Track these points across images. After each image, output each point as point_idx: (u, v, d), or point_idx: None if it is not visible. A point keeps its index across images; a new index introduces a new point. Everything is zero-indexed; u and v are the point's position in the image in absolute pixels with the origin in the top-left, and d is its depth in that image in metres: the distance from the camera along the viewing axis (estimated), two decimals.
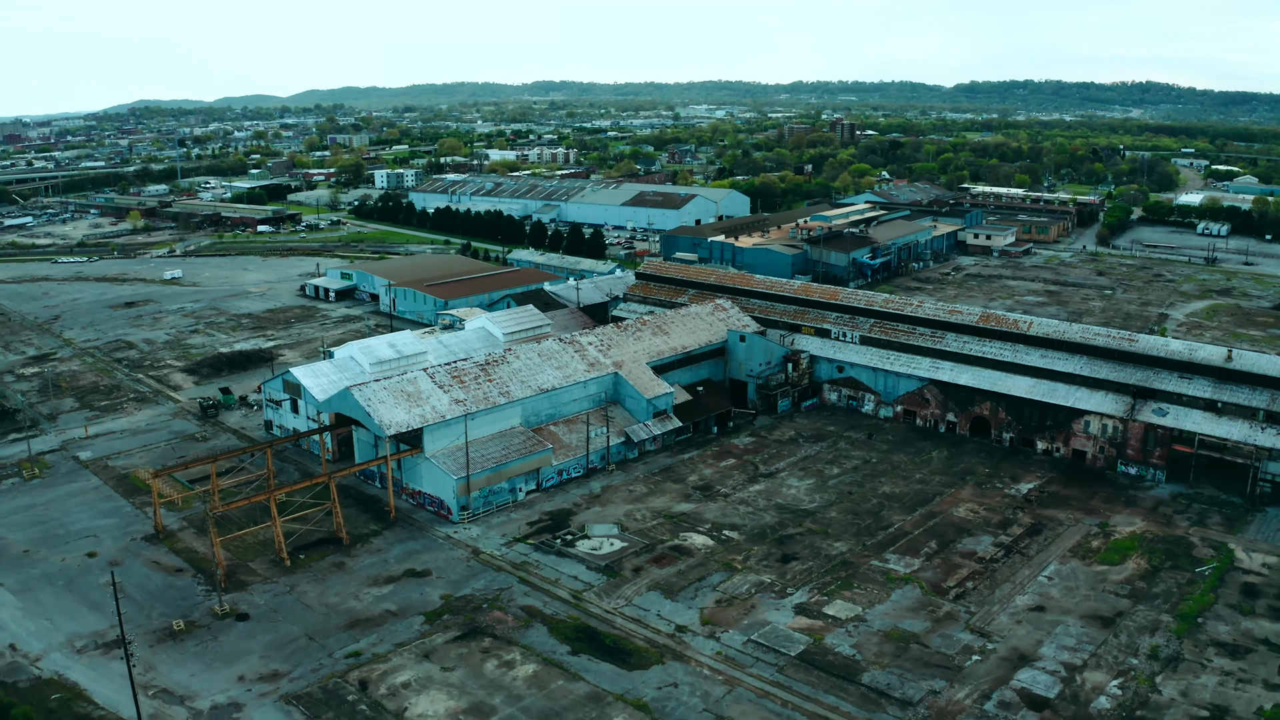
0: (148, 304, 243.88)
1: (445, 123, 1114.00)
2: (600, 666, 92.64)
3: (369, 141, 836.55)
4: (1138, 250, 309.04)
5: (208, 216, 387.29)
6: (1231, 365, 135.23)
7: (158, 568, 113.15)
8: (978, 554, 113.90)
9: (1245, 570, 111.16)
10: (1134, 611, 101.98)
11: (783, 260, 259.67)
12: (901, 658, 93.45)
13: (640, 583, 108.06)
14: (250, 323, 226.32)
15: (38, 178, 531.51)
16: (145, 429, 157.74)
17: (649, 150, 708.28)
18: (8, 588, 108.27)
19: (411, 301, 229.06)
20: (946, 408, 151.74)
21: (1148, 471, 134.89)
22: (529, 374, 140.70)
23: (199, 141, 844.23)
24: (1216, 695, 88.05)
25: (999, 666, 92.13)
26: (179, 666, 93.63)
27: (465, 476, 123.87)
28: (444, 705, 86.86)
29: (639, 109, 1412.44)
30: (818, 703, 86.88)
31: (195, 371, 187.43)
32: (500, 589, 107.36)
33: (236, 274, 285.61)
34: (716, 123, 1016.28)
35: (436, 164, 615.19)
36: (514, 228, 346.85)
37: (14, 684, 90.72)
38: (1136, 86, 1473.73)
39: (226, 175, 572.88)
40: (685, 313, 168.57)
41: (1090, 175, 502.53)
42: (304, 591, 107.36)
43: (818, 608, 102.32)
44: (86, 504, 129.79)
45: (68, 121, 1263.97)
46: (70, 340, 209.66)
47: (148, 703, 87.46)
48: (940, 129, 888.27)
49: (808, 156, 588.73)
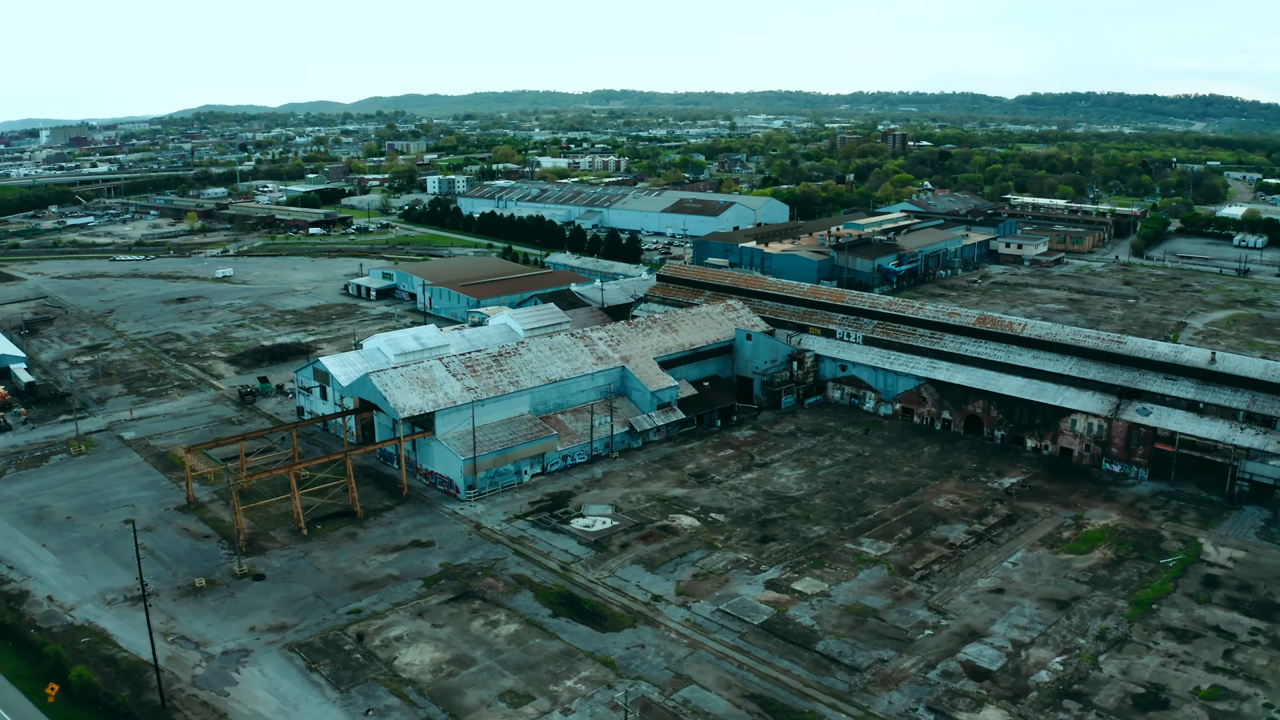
0: (198, 300, 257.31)
1: (503, 130, 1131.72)
2: (577, 628, 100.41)
3: (426, 148, 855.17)
4: (1170, 261, 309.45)
5: (262, 219, 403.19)
6: (1215, 367, 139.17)
7: (187, 534, 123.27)
8: (949, 540, 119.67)
9: (1210, 563, 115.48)
10: (1091, 596, 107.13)
11: (809, 266, 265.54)
12: (858, 629, 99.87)
13: (625, 557, 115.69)
14: (294, 318, 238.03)
15: (101, 179, 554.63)
16: (186, 413, 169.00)
17: (699, 159, 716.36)
18: (50, 548, 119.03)
19: (446, 300, 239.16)
20: (942, 406, 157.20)
21: (1131, 469, 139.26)
22: (539, 365, 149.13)
23: (260, 146, 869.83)
24: (1156, 675, 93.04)
25: (949, 641, 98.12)
26: (198, 618, 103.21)
27: (472, 458, 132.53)
28: (429, 656, 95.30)
29: (697, 118, 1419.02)
30: (772, 665, 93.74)
31: (237, 362, 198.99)
32: (495, 559, 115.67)
33: (285, 273, 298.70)
34: (771, 132, 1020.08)
35: (489, 170, 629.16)
36: (555, 232, 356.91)
37: (49, 629, 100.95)
38: (1200, 100, 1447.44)
39: (284, 179, 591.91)
40: (696, 312, 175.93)
41: (1138, 188, 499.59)
42: (317, 557, 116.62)
43: (787, 583, 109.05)
44: (127, 478, 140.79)
45: (133, 125, 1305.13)
46: (123, 332, 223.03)
47: (167, 647, 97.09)
48: (996, 140, 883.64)
49: (854, 166, 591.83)
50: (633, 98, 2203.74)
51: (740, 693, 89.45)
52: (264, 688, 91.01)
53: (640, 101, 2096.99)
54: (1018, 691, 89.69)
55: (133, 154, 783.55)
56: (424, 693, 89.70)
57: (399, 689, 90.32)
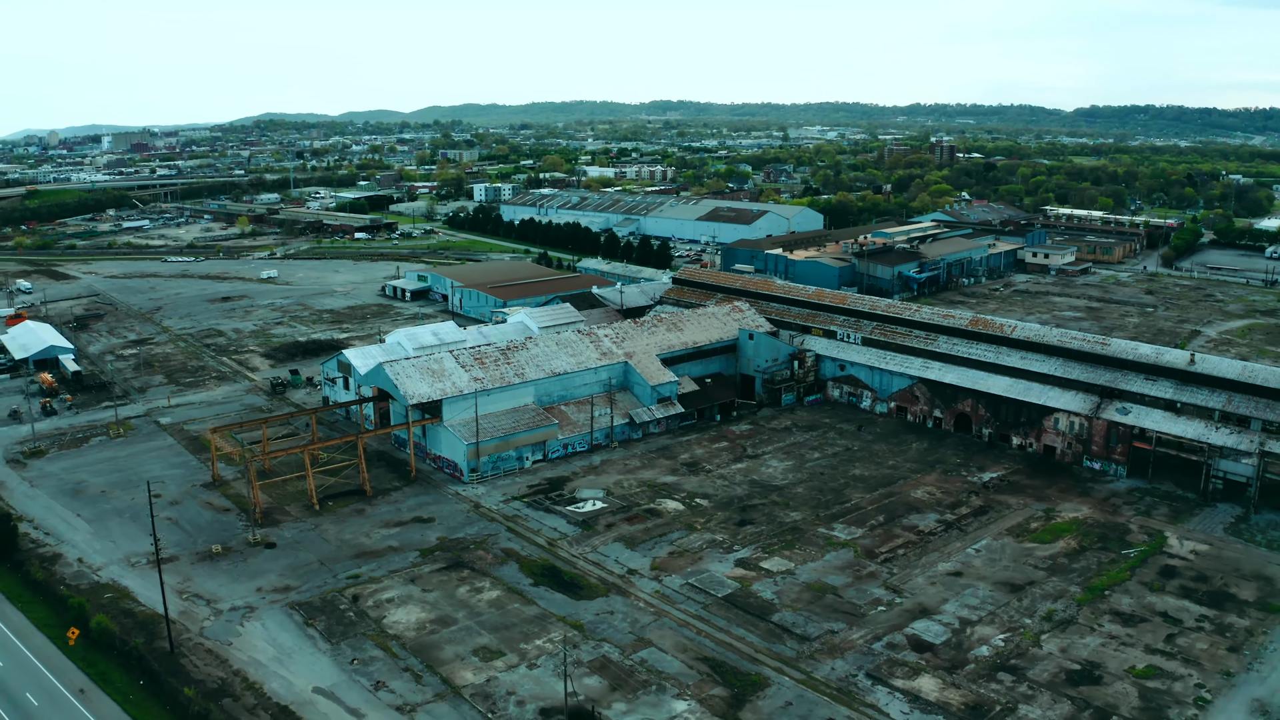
0: (242, 299, 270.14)
1: (557, 140, 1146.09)
2: (554, 596, 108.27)
3: (478, 157, 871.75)
4: (1199, 272, 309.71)
5: (310, 223, 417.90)
6: (1194, 368, 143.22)
7: (209, 507, 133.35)
8: (919, 528, 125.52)
9: (1173, 555, 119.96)
10: (1046, 582, 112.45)
11: (830, 272, 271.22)
12: (814, 604, 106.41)
13: (609, 535, 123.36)
14: (330, 317, 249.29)
15: (158, 184, 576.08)
16: (220, 401, 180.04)
17: (745, 169, 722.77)
18: (84, 518, 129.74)
19: (475, 301, 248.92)
20: (934, 404, 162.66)
21: (1110, 467, 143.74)
22: (544, 359, 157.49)
23: (317, 154, 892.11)
24: (1094, 654, 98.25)
25: (900, 617, 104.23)
26: (211, 579, 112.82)
27: (475, 443, 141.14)
28: (415, 616, 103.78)
29: (751, 129, 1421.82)
30: (728, 633, 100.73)
31: (272, 356, 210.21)
32: (489, 535, 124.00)
33: (327, 275, 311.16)
34: (821, 144, 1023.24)
35: (536, 179, 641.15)
36: (590, 239, 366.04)
37: (77, 585, 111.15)
38: (1260, 113, 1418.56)
39: (336, 186, 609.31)
40: (701, 312, 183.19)
41: (1181, 200, 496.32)
42: (325, 529, 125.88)
43: (756, 562, 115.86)
44: (160, 458, 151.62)
45: (195, 132, 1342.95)
46: (168, 328, 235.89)
47: (181, 603, 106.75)
48: (1048, 153, 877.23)
49: (896, 176, 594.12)
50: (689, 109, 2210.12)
51: (694, 655, 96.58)
52: (263, 639, 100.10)
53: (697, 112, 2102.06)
54: (956, 663, 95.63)
55: (191, 160, 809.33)
56: (406, 647, 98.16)
57: (384, 643, 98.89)
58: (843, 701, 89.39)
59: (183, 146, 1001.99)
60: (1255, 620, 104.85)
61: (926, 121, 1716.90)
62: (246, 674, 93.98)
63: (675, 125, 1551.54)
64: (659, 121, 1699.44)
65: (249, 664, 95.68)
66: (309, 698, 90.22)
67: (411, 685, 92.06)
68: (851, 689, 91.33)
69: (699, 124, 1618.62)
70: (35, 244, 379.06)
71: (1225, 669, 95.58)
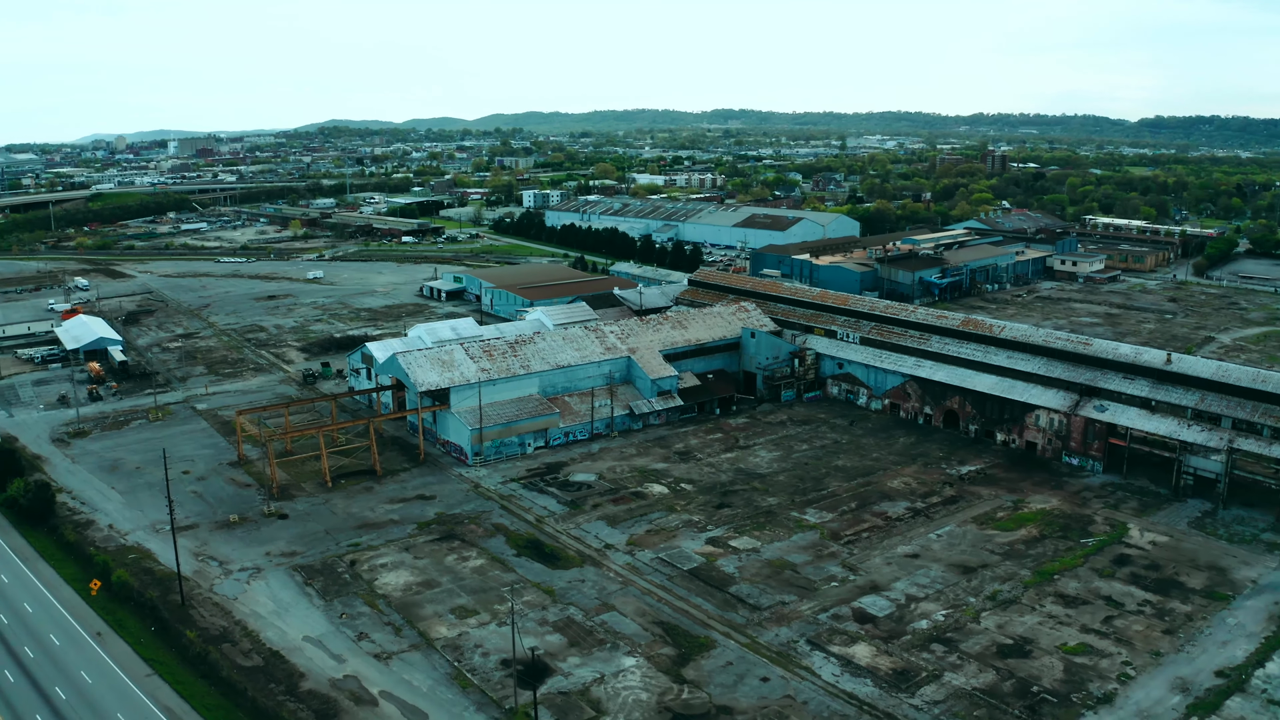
0: (287, 297, 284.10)
1: (615, 148, 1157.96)
2: (533, 565, 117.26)
3: (534, 164, 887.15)
4: (1228, 281, 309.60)
5: (360, 227, 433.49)
6: (1170, 368, 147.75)
7: (233, 483, 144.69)
8: (888, 514, 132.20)
9: (1131, 545, 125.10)
10: (999, 565, 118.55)
11: (852, 277, 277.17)
12: (772, 579, 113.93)
13: (593, 514, 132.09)
14: (368, 315, 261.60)
15: (218, 189, 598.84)
16: (255, 390, 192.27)
17: (793, 177, 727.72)
18: (118, 490, 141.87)
19: (504, 301, 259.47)
20: (925, 401, 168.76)
21: (1087, 462, 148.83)
22: (550, 353, 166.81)
23: (377, 160, 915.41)
24: (1029, 631, 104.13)
25: (850, 592, 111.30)
26: (226, 544, 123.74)
27: (479, 429, 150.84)
28: (404, 579, 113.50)
29: (810, 138, 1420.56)
30: (686, 601, 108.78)
31: (308, 350, 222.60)
32: (483, 511, 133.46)
33: (370, 276, 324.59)
34: (875, 153, 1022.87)
35: (585, 186, 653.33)
36: (627, 243, 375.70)
37: (105, 547, 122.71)
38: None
39: (390, 192, 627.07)
40: (708, 311, 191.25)
41: (1228, 210, 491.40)
42: (334, 504, 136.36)
43: (726, 541, 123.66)
44: (192, 439, 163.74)
45: (259, 138, 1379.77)
46: (214, 324, 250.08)
47: (196, 563, 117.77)
48: (1105, 163, 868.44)
49: (941, 185, 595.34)
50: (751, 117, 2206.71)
51: (651, 620, 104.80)
52: (265, 595, 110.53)
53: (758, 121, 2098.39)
54: (894, 634, 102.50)
55: (254, 165, 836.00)
56: (391, 605, 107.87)
57: (372, 601, 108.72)
58: (780, 664, 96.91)
59: (247, 152, 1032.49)
60: (1197, 606, 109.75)
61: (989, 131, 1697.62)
62: (246, 624, 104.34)
63: (735, 134, 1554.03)
64: (719, 130, 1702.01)
65: (250, 615, 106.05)
66: (298, 645, 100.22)
67: (391, 637, 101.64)
68: (791, 653, 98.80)
69: (759, 133, 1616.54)
70: (96, 244, 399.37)
71: (1156, 649, 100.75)
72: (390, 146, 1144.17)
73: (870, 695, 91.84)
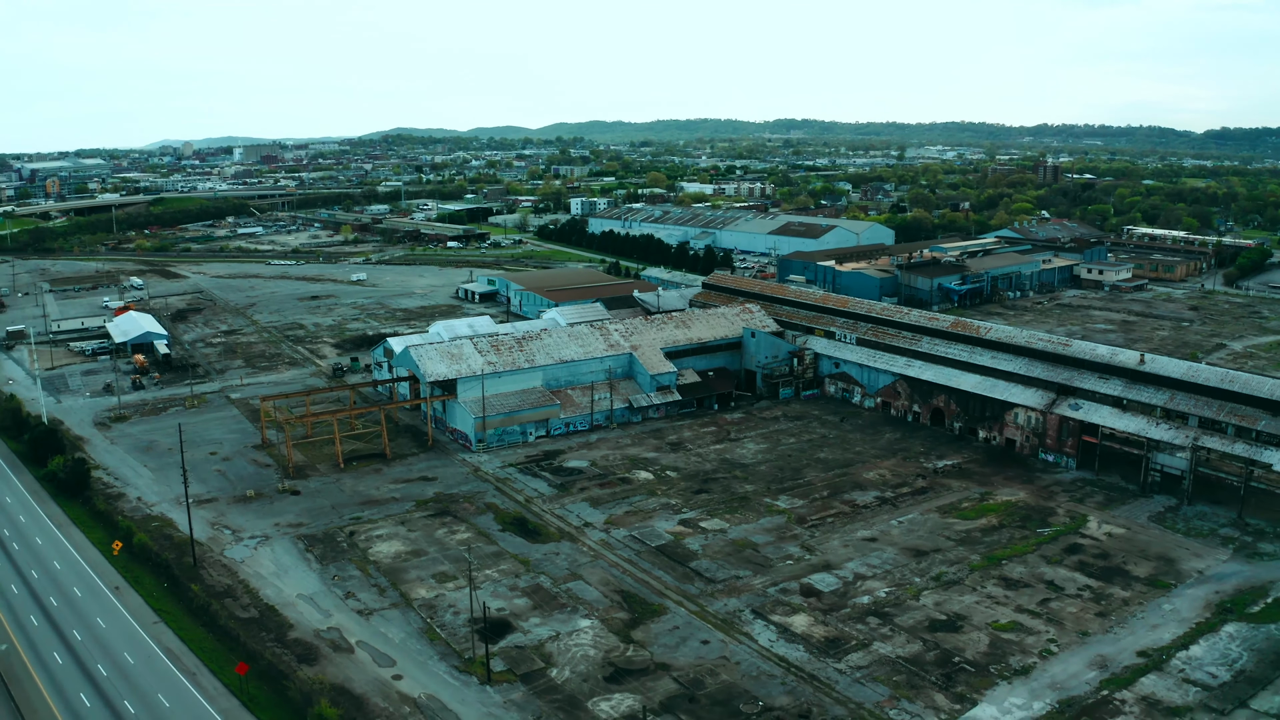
0: (329, 298, 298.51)
1: (672, 157, 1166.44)
2: (514, 539, 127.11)
3: (589, 173, 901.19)
4: (1257, 291, 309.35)
5: (408, 232, 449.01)
6: (1143, 368, 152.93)
7: (254, 464, 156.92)
8: (856, 502, 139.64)
9: (1086, 535, 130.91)
10: (951, 550, 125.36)
11: (872, 283, 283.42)
12: (732, 556, 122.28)
13: (579, 496, 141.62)
14: (403, 315, 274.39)
15: (277, 194, 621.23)
16: (287, 382, 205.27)
17: (842, 187, 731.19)
18: (149, 468, 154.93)
19: (531, 302, 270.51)
20: (913, 400, 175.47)
21: (1061, 459, 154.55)
22: (555, 348, 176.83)
23: (436, 168, 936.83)
24: (964, 609, 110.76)
25: (803, 570, 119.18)
26: (240, 516, 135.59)
27: (482, 417, 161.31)
28: (395, 548, 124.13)
29: (870, 148, 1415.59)
30: (649, 574, 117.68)
31: (341, 346, 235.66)
32: (479, 491, 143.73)
33: (411, 279, 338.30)
34: (929, 163, 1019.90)
35: (634, 194, 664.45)
36: (662, 249, 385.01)
37: (132, 516, 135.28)
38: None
39: (444, 199, 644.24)
40: (713, 312, 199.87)
41: (1275, 221, 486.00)
42: (344, 483, 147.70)
43: (697, 522, 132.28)
44: (223, 424, 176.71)
45: (324, 145, 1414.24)
46: (256, 321, 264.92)
47: (211, 531, 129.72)
48: (1161, 174, 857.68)
49: (986, 195, 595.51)
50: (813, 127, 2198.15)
51: (613, 589, 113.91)
52: (269, 559, 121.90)
53: (821, 131, 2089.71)
54: (834, 607, 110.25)
55: (316, 172, 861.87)
56: (380, 569, 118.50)
57: (364, 566, 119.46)
58: (722, 629, 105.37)
59: (310, 159, 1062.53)
60: (1137, 593, 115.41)
61: (1052, 142, 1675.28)
62: (248, 583, 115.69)
63: (795, 144, 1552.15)
64: (779, 140, 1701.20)
65: (252, 576, 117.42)
66: (292, 600, 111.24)
67: (375, 596, 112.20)
68: (735, 621, 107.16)
69: (819, 142, 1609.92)
70: (154, 246, 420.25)
71: (1084, 630, 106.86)
72: (451, 155, 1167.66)
73: (800, 659, 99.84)
